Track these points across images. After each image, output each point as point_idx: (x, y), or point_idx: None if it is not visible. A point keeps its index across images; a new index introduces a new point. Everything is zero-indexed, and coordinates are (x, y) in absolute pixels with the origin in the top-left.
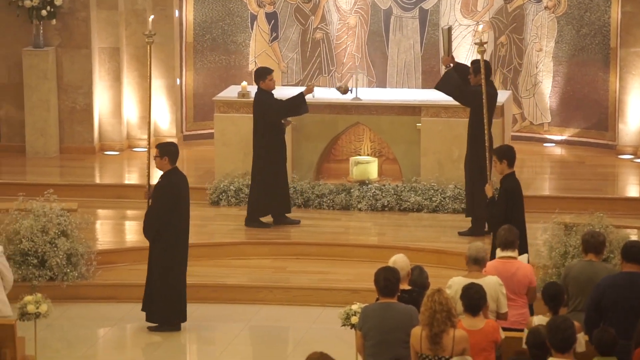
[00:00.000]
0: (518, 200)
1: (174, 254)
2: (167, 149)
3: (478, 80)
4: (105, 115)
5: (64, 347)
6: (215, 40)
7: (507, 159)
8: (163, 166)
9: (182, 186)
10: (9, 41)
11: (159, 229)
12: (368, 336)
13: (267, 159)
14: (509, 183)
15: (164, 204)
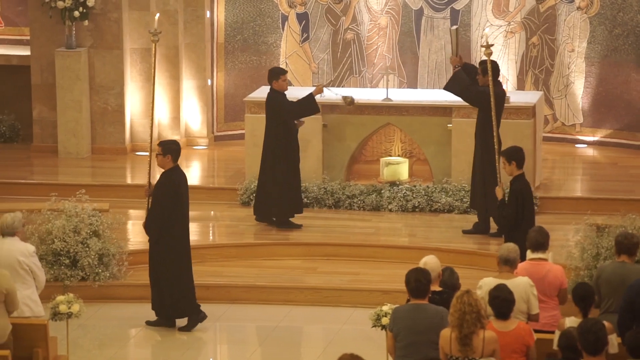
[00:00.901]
0: (528, 202)
1: (179, 250)
2: (170, 147)
3: (486, 81)
4: (136, 116)
5: (95, 347)
6: (246, 41)
7: (516, 160)
8: (165, 164)
9: (182, 184)
10: (42, 42)
11: (162, 226)
12: (399, 337)
13: (280, 160)
14: (519, 184)
15: (166, 201)
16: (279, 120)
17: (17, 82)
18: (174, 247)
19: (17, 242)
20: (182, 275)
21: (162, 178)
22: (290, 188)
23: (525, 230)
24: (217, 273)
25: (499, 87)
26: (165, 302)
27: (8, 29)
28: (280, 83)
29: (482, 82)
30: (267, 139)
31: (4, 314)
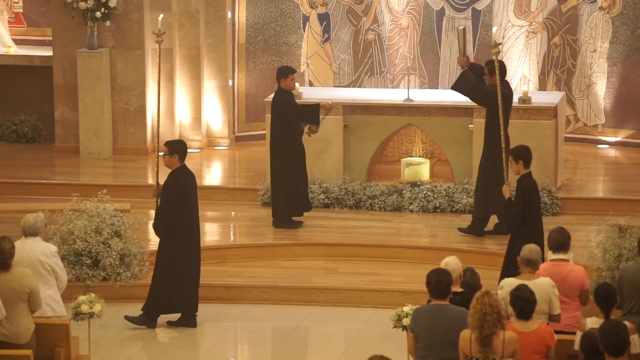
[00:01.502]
0: (535, 201)
1: (185, 250)
2: (176, 147)
3: (493, 81)
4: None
5: (117, 346)
6: (267, 42)
7: (523, 159)
8: (172, 164)
9: (189, 183)
10: (64, 43)
11: (169, 225)
12: (420, 338)
13: (285, 159)
14: (526, 183)
15: (173, 201)
16: (285, 119)
17: (39, 83)
18: (180, 247)
19: (39, 242)
20: (188, 276)
21: (170, 178)
22: (296, 186)
23: (531, 229)
24: (237, 273)
25: (507, 87)
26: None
27: (30, 30)
28: (289, 82)
29: (489, 82)
30: (273, 138)
31: (27, 313)
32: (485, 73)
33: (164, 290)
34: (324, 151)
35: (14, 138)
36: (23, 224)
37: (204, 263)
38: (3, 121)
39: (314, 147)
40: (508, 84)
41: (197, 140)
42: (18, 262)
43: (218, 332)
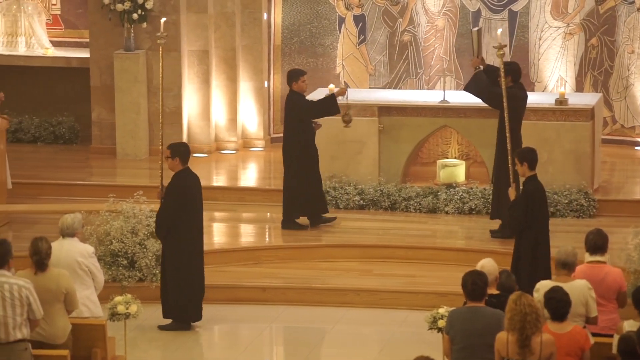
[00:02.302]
0: (540, 204)
1: (188, 252)
2: (178, 150)
3: (507, 83)
4: (193, 118)
5: (152, 347)
6: (303, 43)
7: (527, 162)
8: (174, 166)
9: (193, 185)
10: (102, 44)
11: (171, 228)
12: (455, 340)
13: (299, 161)
14: (530, 186)
15: (174, 203)
16: (297, 122)
17: (76, 85)
18: (184, 249)
19: (76, 243)
20: (190, 278)
21: (173, 180)
22: (309, 189)
23: (536, 231)
24: (272, 274)
25: (521, 89)
26: (171, 304)
27: (68, 32)
28: (300, 84)
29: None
30: (286, 140)
31: (63, 314)
32: (499, 75)
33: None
34: (359, 152)
35: (51, 139)
36: (60, 225)
37: (239, 264)
38: (41, 122)
39: (349, 149)
40: (522, 86)
41: (232, 142)
42: (55, 262)
43: (253, 333)
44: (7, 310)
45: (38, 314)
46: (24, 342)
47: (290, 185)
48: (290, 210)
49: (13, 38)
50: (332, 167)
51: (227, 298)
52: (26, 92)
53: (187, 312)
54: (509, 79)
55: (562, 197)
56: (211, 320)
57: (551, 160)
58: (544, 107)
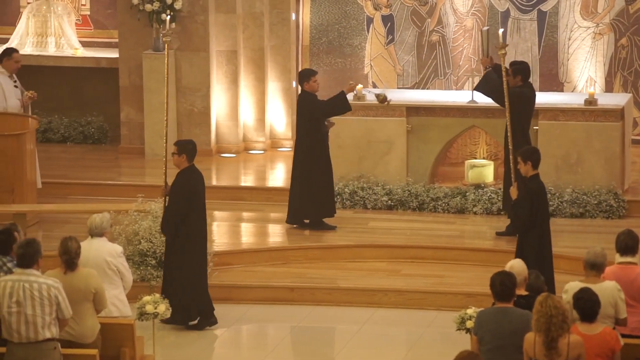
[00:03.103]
0: (542, 202)
1: (193, 249)
2: (185, 147)
3: (517, 82)
4: (222, 118)
5: (180, 346)
6: (331, 43)
7: (531, 161)
8: (181, 163)
9: (198, 183)
10: (130, 44)
11: (178, 225)
12: (483, 341)
13: (310, 161)
14: (534, 184)
15: (182, 200)
16: (309, 121)
17: (105, 85)
18: (189, 248)
19: (105, 242)
20: (196, 277)
21: (178, 177)
22: (322, 189)
23: (540, 230)
24: (300, 274)
25: (530, 89)
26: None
27: (97, 32)
28: (311, 84)
29: (513, 83)
30: (298, 141)
31: (92, 313)
32: (509, 74)
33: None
34: (387, 153)
35: (80, 139)
36: (89, 225)
37: (267, 264)
38: (70, 122)
39: (377, 149)
40: (531, 85)
41: (260, 142)
42: (84, 262)
43: (281, 333)
44: (36, 310)
45: (67, 314)
46: (53, 342)
47: (300, 185)
48: (298, 210)
49: (43, 38)
50: (360, 167)
51: (255, 298)
52: (56, 92)
53: (189, 310)
54: (518, 78)
55: (592, 198)
56: (239, 320)
57: (580, 161)
58: (573, 108)
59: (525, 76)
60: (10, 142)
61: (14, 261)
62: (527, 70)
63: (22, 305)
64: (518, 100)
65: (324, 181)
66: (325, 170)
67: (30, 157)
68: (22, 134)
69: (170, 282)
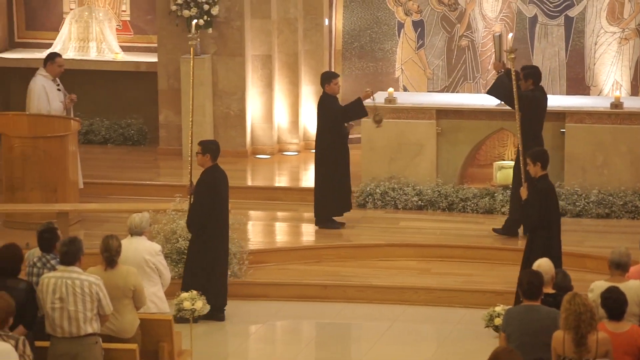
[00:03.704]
0: (552, 201)
1: (215, 245)
2: (209, 147)
3: (528, 86)
4: (257, 120)
5: (217, 342)
6: (363, 48)
7: (540, 162)
8: (204, 162)
9: (221, 181)
10: (169, 49)
11: (203, 222)
12: (511, 338)
13: (331, 161)
14: (543, 184)
15: (205, 198)
16: (329, 122)
17: (145, 88)
18: (211, 245)
19: (144, 241)
20: (216, 272)
21: (202, 176)
22: (340, 187)
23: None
24: (333, 273)
25: (541, 92)
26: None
27: (137, 37)
28: (332, 86)
29: (524, 86)
30: (318, 141)
31: (132, 309)
32: (520, 78)
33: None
34: (417, 155)
35: (120, 141)
36: (129, 224)
37: (301, 263)
38: (111, 125)
39: (408, 151)
40: (543, 89)
41: (294, 144)
42: (124, 260)
43: (314, 329)
44: (78, 306)
45: (107, 309)
46: (94, 336)
47: (321, 185)
48: (322, 209)
49: (85, 43)
50: (391, 168)
51: (290, 295)
52: (97, 95)
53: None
54: (529, 82)
55: (617, 199)
56: (274, 317)
57: (606, 163)
58: (600, 111)
59: (536, 80)
60: (54, 144)
61: (57, 258)
62: (538, 74)
63: (65, 301)
64: (529, 103)
65: (342, 179)
66: (344, 169)
67: (72, 158)
68: (65, 136)
69: (191, 276)
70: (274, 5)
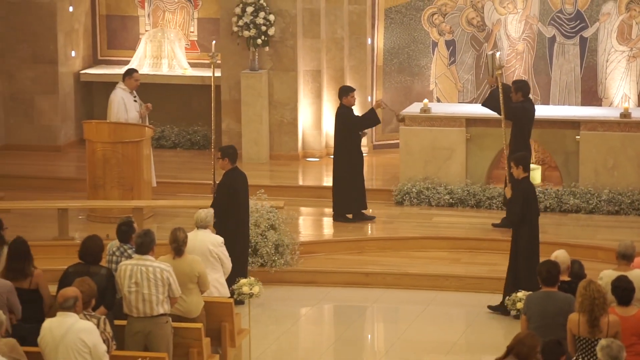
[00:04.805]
0: (532, 200)
1: (236, 239)
2: (227, 152)
3: (518, 98)
4: (307, 128)
5: (272, 322)
6: (401, 64)
7: (522, 165)
8: (224, 166)
9: (240, 182)
10: (231, 65)
11: (220, 219)
12: (531, 320)
13: (347, 164)
14: (524, 185)
15: (224, 198)
16: (346, 131)
17: (210, 99)
18: (232, 238)
19: (209, 234)
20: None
21: (223, 178)
22: (354, 188)
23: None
24: (374, 262)
25: (530, 104)
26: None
27: (203, 54)
28: (349, 99)
29: (515, 99)
30: (336, 147)
31: (197, 292)
32: (512, 91)
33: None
34: (449, 158)
35: (188, 145)
36: (196, 218)
37: (345, 253)
38: (180, 131)
39: (441, 155)
40: (531, 101)
41: None
42: (190, 250)
43: (357, 312)
44: (152, 289)
45: (177, 293)
46: (165, 316)
47: (338, 185)
48: (339, 206)
49: (158, 60)
50: (426, 170)
51: (335, 282)
52: (168, 105)
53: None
54: (519, 94)
55: (626, 198)
56: (322, 301)
57: (616, 166)
58: (610, 120)
59: (525, 92)
60: (130, 148)
61: (133, 248)
62: (527, 88)
63: (139, 285)
64: (519, 113)
65: (357, 180)
66: (358, 171)
67: (146, 160)
68: (140, 141)
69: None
70: (323, 26)
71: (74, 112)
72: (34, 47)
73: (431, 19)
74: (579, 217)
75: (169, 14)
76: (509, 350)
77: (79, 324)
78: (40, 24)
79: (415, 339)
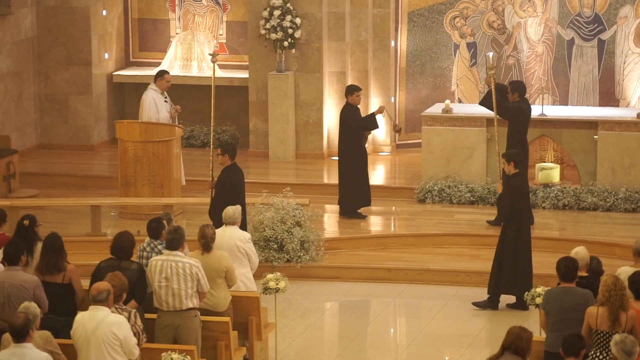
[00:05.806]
0: (523, 196)
1: None
2: (227, 148)
3: (515, 98)
4: (332, 127)
5: (297, 316)
6: (424, 66)
7: (514, 162)
8: (224, 162)
9: (239, 178)
10: (258, 67)
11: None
12: (550, 314)
13: (351, 161)
14: (515, 181)
15: (224, 193)
16: (349, 129)
17: (237, 100)
18: None
19: (236, 230)
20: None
21: (222, 174)
22: (357, 185)
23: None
24: (397, 258)
25: (526, 103)
26: None
27: (231, 57)
28: (354, 98)
29: (512, 98)
30: (340, 144)
31: (225, 287)
32: (508, 92)
33: None
34: (469, 157)
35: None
36: (224, 215)
37: (369, 249)
38: (208, 131)
39: (462, 154)
40: (527, 101)
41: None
42: (218, 245)
43: (381, 306)
44: (181, 284)
45: (205, 288)
46: (194, 310)
47: (344, 182)
48: (345, 202)
49: (188, 62)
50: (447, 168)
51: (359, 277)
52: (197, 106)
53: None
54: (516, 94)
55: None
56: (346, 295)
57: (633, 165)
58: (627, 120)
59: (521, 93)
60: (161, 147)
61: (164, 244)
62: (523, 88)
63: (169, 280)
64: (515, 112)
65: (361, 177)
66: (362, 169)
67: (176, 159)
68: (170, 140)
69: None
70: (348, 29)
71: (106, 113)
72: (69, 50)
73: (453, 22)
74: (596, 215)
75: (198, 17)
76: (505, 347)
77: (110, 318)
78: (75, 28)
79: (436, 332)
